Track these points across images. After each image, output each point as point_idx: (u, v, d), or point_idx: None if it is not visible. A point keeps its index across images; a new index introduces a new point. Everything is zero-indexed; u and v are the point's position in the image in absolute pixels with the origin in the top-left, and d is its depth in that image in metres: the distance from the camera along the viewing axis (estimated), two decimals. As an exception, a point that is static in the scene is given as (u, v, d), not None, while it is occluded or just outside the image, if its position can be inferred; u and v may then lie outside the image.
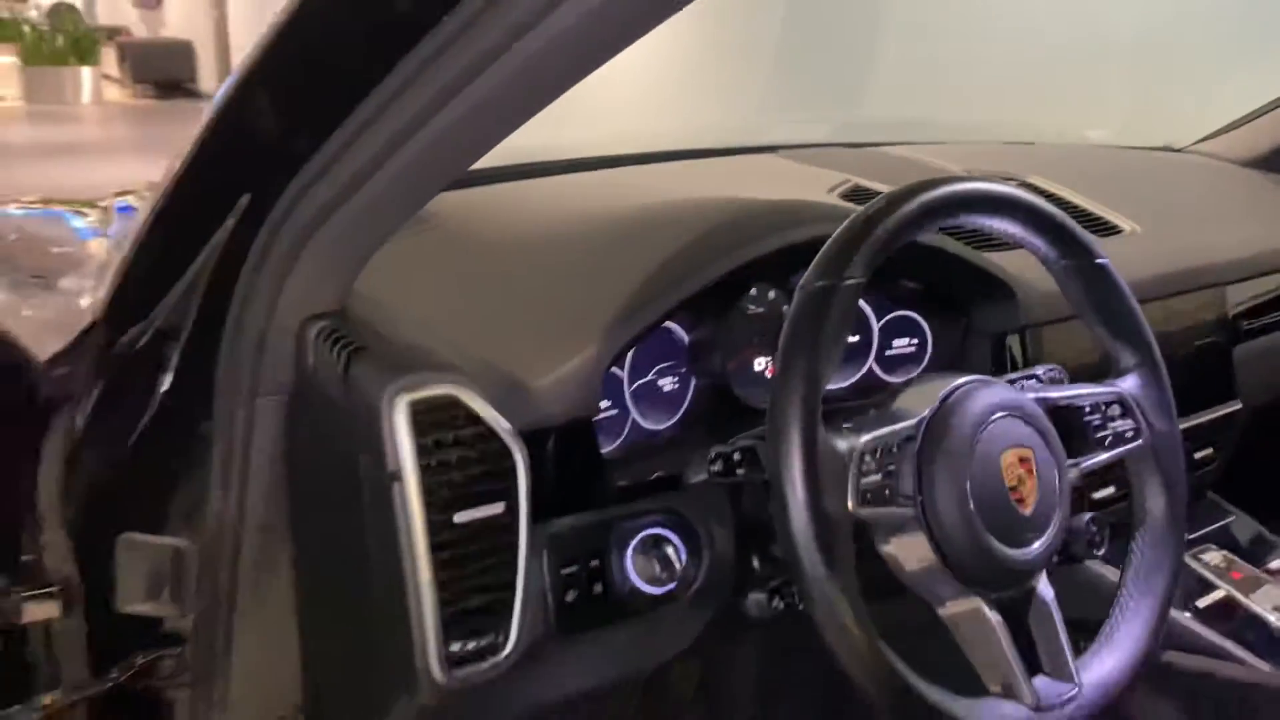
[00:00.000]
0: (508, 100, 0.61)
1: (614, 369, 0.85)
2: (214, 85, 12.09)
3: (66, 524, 0.88)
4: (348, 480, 0.73)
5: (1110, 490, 1.07)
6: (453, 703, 0.71)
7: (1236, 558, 1.15)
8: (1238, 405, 1.23)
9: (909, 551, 0.71)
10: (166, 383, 0.82)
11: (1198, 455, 1.18)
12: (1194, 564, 1.11)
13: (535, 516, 0.72)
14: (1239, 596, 1.08)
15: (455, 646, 0.69)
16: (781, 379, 0.67)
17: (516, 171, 1.03)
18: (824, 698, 1.28)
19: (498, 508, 0.70)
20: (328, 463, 0.78)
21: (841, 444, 0.67)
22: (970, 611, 0.72)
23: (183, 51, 11.06)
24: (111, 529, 0.84)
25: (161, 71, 10.71)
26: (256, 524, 0.82)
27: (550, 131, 0.78)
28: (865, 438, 0.69)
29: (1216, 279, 1.25)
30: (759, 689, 1.38)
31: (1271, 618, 1.05)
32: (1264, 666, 1.00)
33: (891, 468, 0.69)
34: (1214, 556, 1.14)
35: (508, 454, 0.70)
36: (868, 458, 0.68)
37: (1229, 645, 1.01)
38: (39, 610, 0.89)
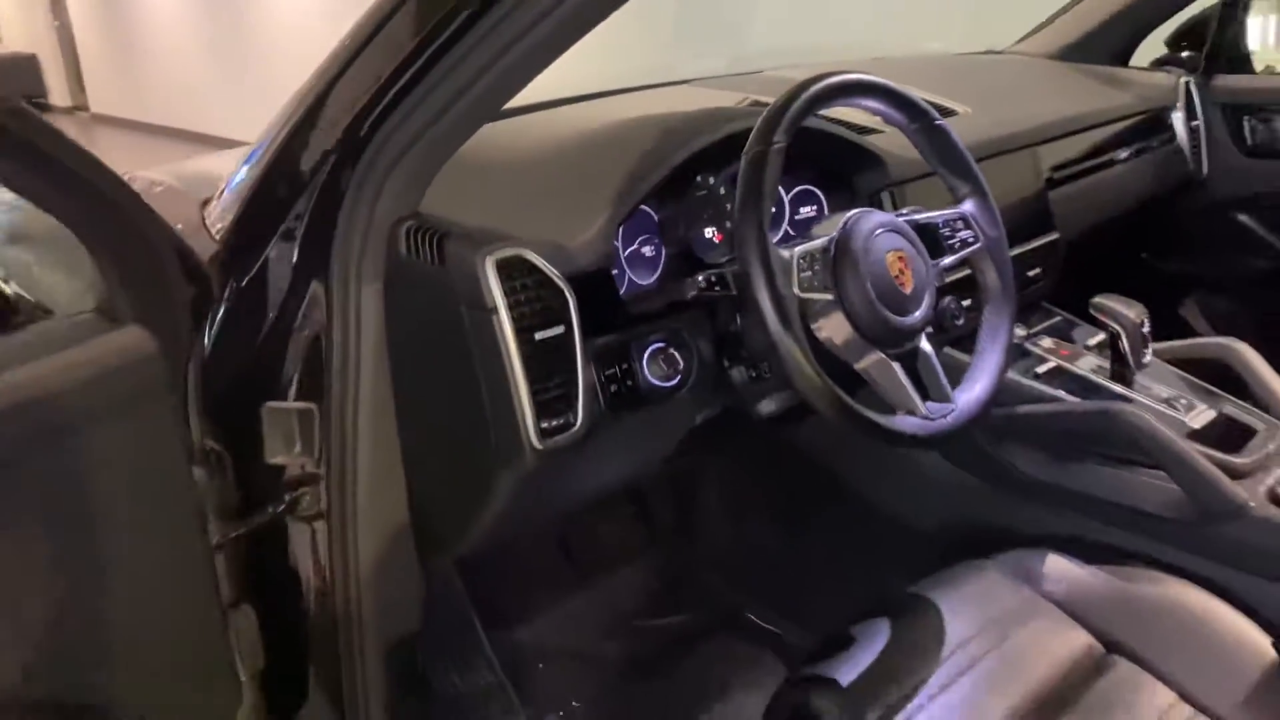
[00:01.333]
0: (543, 48, 0.93)
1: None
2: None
3: (213, 399, 1.15)
4: (446, 332, 1.05)
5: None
6: (546, 465, 1.05)
7: (1064, 341, 1.56)
8: (1056, 235, 1.64)
9: (833, 326, 1.07)
10: (288, 280, 1.11)
11: (1030, 274, 1.58)
12: (1033, 348, 1.52)
13: (584, 335, 1.05)
14: (1065, 365, 1.49)
15: (545, 424, 1.02)
16: (741, 216, 1.01)
17: (510, 112, 1.35)
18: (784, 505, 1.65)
19: (560, 329, 1.03)
20: (424, 326, 1.09)
21: (784, 252, 1.03)
22: (878, 362, 1.08)
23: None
24: (254, 400, 1.13)
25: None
26: (368, 383, 1.13)
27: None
28: (798, 249, 1.04)
29: (1032, 141, 1.65)
30: (731, 507, 1.75)
31: (1087, 375, 1.47)
32: (1074, 400, 1.41)
33: (817, 267, 1.05)
34: (1047, 342, 1.55)
35: (561, 293, 1.03)
36: (801, 261, 1.04)
37: (1057, 393, 1.42)
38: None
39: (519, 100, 1.06)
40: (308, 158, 1.06)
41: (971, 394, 1.15)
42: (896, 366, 1.09)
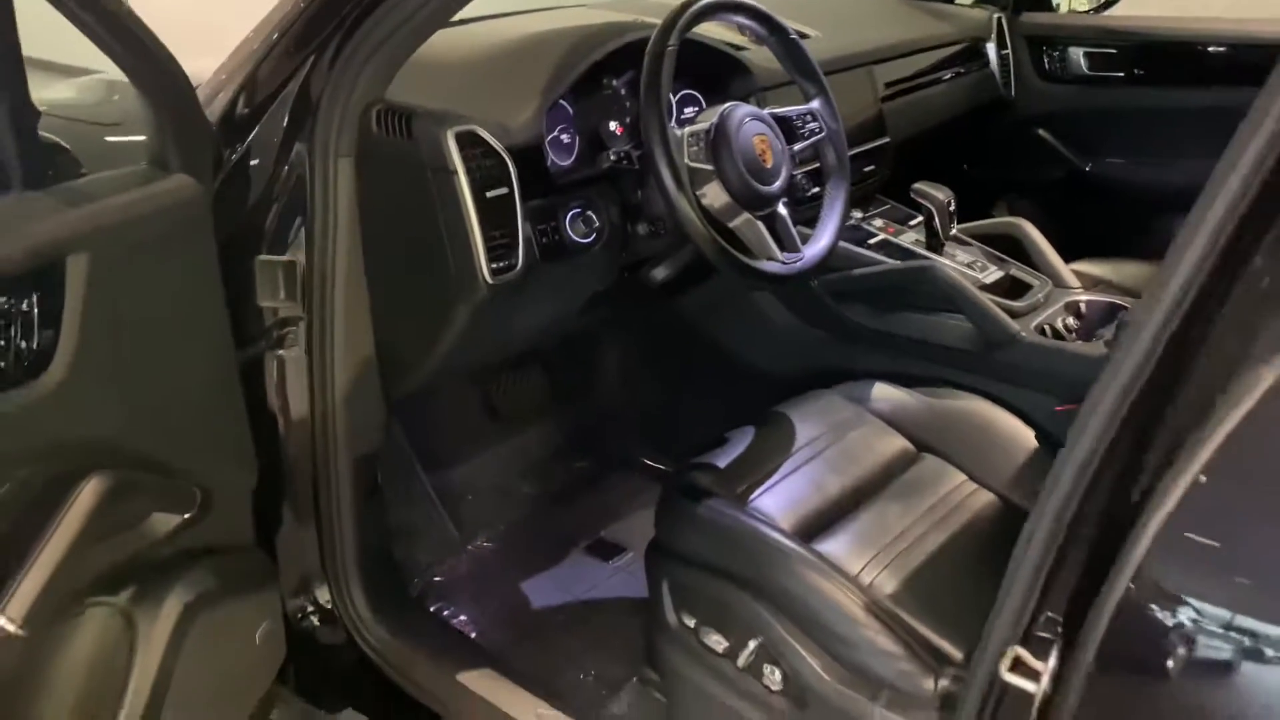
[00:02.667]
0: None
1: None
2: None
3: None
4: (412, 194, 1.33)
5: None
6: (493, 299, 1.34)
7: (892, 221, 1.95)
8: (888, 139, 2.02)
9: (713, 193, 1.39)
10: (276, 153, 1.36)
11: (866, 169, 1.95)
12: (867, 226, 1.90)
13: (521, 197, 1.35)
14: (891, 238, 1.88)
15: (493, 265, 1.32)
16: (645, 101, 1.32)
17: (453, 23, 1.62)
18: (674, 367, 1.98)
19: (504, 189, 1.33)
20: (393, 190, 1.36)
21: (677, 131, 1.35)
22: (746, 220, 1.41)
23: None
24: (247, 252, 1.38)
25: None
26: (344, 240, 1.39)
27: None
28: (687, 130, 1.37)
29: (869, 60, 2.02)
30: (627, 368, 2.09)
31: (907, 245, 1.86)
32: (896, 263, 1.80)
33: (701, 144, 1.37)
34: (878, 221, 1.94)
35: (504, 161, 1.32)
36: (690, 139, 1.36)
37: (885, 259, 1.80)
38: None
39: (458, 15, 1.34)
40: (299, 46, 1.31)
41: (817, 246, 1.51)
42: (760, 225, 1.43)
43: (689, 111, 1.70)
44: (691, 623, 1.34)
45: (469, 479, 1.95)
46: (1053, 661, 0.79)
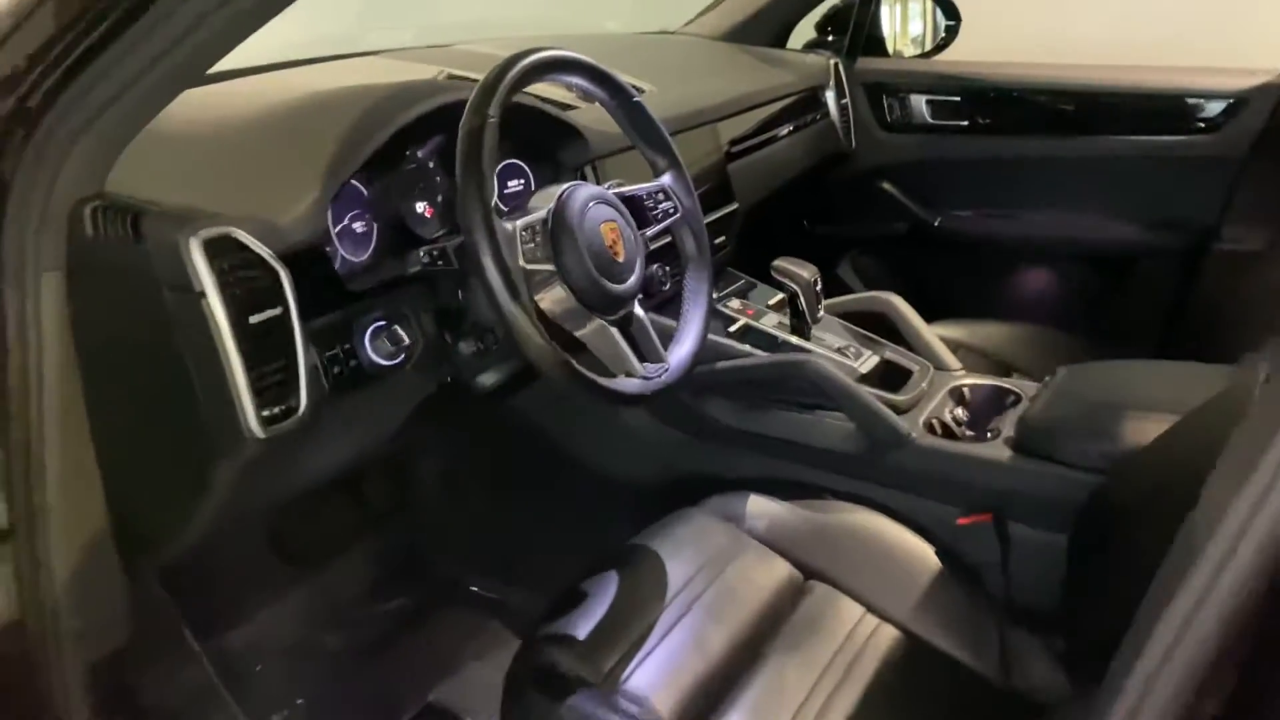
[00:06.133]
0: (242, 21, 0.89)
1: None
2: None
3: None
4: (145, 318, 0.97)
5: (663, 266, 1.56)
6: (269, 452, 1.00)
7: (748, 301, 1.71)
8: (735, 205, 1.78)
9: (554, 298, 1.10)
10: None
11: (716, 242, 1.71)
12: (724, 309, 1.65)
13: (302, 316, 1.01)
14: (752, 323, 1.63)
15: (266, 411, 0.98)
16: (463, 190, 1.02)
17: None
18: (501, 475, 1.67)
19: (277, 310, 0.99)
20: (118, 313, 1.00)
21: (507, 225, 1.05)
22: (597, 329, 1.13)
23: None
24: None
25: None
26: (54, 388, 1.01)
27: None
28: (520, 222, 1.07)
29: (710, 118, 1.78)
30: (448, 482, 1.75)
31: (771, 331, 1.62)
32: (763, 355, 1.55)
33: (538, 239, 1.08)
34: (734, 303, 1.69)
35: (275, 272, 0.99)
36: (524, 233, 1.06)
37: (748, 348, 1.56)
38: None
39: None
40: None
41: (681, 352, 1.24)
42: (614, 331, 1.14)
43: (514, 185, 1.40)
44: None
45: (257, 642, 1.56)
46: None
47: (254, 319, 0.97)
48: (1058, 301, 2.23)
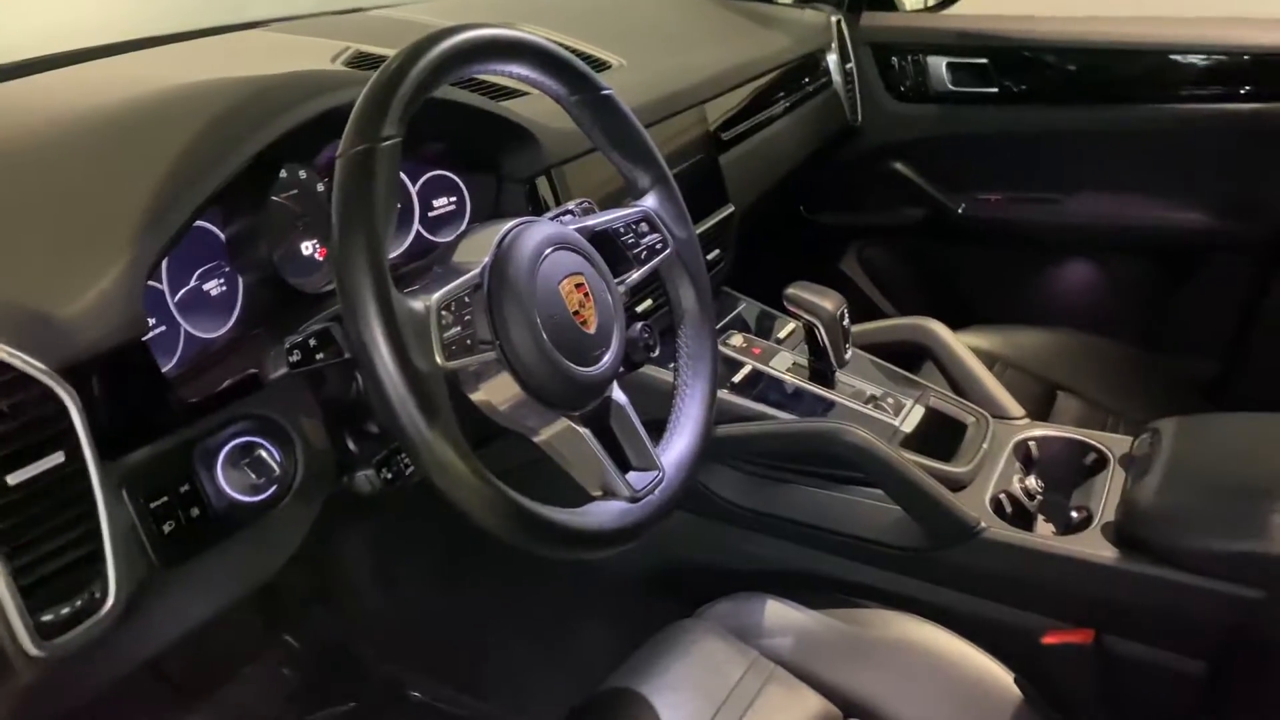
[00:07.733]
0: None
1: (151, 282, 0.78)
2: None
3: None
4: None
5: (649, 302, 1.20)
6: (61, 673, 0.65)
7: (754, 335, 1.35)
8: (731, 209, 1.42)
9: (498, 392, 0.75)
10: None
11: (709, 257, 1.34)
12: (724, 349, 1.29)
13: (106, 455, 0.65)
14: (761, 367, 1.28)
15: (47, 616, 0.62)
16: (343, 253, 0.66)
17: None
18: (445, 554, 1.32)
19: (58, 457, 0.63)
20: None
21: (417, 304, 0.68)
22: (561, 431, 0.78)
23: None
24: None
25: None
26: None
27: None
28: (437, 295, 0.70)
29: (698, 99, 1.40)
30: (379, 563, 1.39)
31: (787, 378, 1.26)
32: (787, 417, 1.20)
33: (468, 317, 0.72)
34: (737, 339, 1.33)
35: (53, 396, 0.62)
36: (444, 313, 0.70)
37: (761, 408, 1.20)
38: None
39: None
40: None
41: (679, 451, 0.89)
42: (586, 433, 0.79)
43: (442, 204, 1.04)
44: None
45: None
46: None
47: (15, 477, 0.61)
48: (1106, 303, 1.89)
